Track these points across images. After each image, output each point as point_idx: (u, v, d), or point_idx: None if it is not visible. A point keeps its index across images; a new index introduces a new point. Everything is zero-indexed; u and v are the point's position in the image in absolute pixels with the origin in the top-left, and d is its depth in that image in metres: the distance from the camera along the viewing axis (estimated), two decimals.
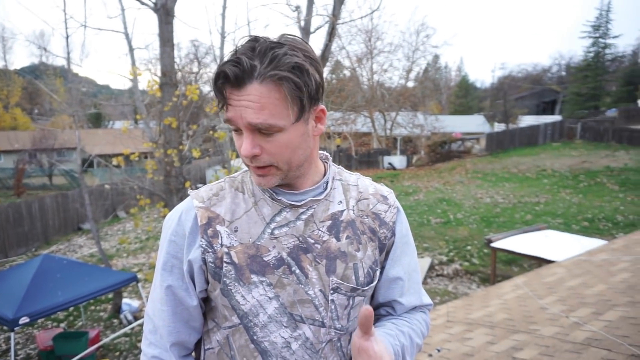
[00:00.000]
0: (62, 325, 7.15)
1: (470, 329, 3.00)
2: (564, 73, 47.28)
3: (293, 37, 0.84)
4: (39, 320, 7.10)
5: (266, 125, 0.81)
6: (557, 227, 9.71)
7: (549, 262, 5.65)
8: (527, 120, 29.48)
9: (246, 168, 1.00)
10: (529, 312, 3.07)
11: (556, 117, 31.00)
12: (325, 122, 0.91)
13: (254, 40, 0.81)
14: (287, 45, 0.80)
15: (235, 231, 0.91)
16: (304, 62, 0.80)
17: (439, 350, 2.70)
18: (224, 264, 0.89)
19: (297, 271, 0.90)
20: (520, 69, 48.55)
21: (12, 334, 4.51)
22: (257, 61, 0.78)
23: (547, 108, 39.82)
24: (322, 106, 0.88)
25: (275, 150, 0.84)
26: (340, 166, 1.06)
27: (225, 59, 0.81)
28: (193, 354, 1.03)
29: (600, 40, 35.04)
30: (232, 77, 0.78)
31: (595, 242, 6.39)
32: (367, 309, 0.80)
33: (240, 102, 0.80)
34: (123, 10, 7.01)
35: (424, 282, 8.06)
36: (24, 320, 4.41)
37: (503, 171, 17.69)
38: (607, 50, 35.25)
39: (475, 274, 8.31)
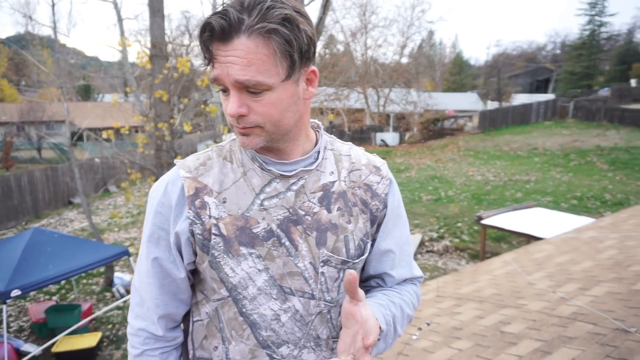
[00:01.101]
0: (55, 298, 7.18)
1: (460, 303, 3.06)
2: (558, 51, 47.05)
3: None
4: (31, 294, 7.12)
5: (253, 83, 0.76)
6: (547, 205, 9.83)
7: (538, 239, 5.74)
8: (520, 99, 29.46)
9: (234, 137, 0.97)
10: (517, 287, 3.13)
11: (549, 96, 31.02)
12: (316, 85, 0.87)
13: None
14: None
15: (224, 202, 0.89)
16: (294, 14, 0.76)
17: (428, 324, 2.75)
18: (212, 236, 0.88)
19: (287, 243, 0.89)
20: (515, 46, 48.34)
21: (4, 307, 4.51)
22: (245, 14, 0.74)
23: (540, 86, 39.81)
24: (313, 67, 0.84)
25: (263, 110, 0.80)
26: (332, 135, 1.03)
27: (213, 12, 0.77)
28: (181, 325, 1.02)
29: (596, 18, 34.81)
30: (218, 29, 0.74)
31: (583, 220, 6.49)
32: (350, 273, 0.78)
33: (226, 58, 0.76)
34: None
35: (415, 258, 8.16)
36: (15, 292, 4.41)
37: (495, 149, 17.77)
38: (602, 29, 35.08)
39: (465, 250, 8.43)
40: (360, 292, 0.83)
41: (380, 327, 0.87)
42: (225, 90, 0.81)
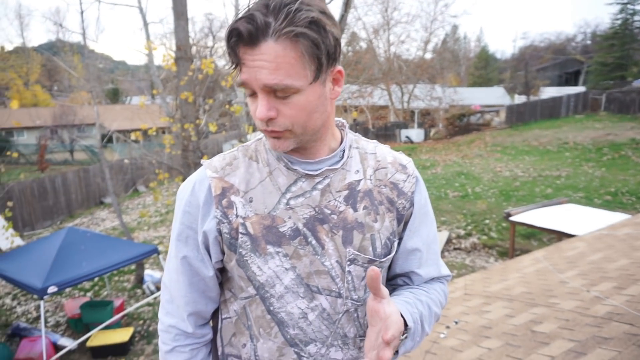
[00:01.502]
0: (89, 294, 7.42)
1: (489, 302, 3.00)
2: (589, 42, 45.50)
3: None
4: (67, 290, 7.38)
5: (282, 86, 0.76)
6: (579, 201, 9.54)
7: (569, 236, 5.57)
8: (549, 92, 28.61)
9: (260, 136, 0.97)
10: (548, 285, 3.05)
11: (580, 89, 30.04)
12: (342, 85, 0.87)
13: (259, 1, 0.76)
14: (301, 1, 0.75)
15: (250, 201, 0.90)
16: (321, 17, 0.76)
17: (456, 323, 2.71)
18: (240, 235, 0.89)
19: (314, 242, 0.89)
20: (542, 38, 47.00)
21: (41, 302, 4.70)
22: (272, 18, 0.74)
23: (570, 79, 38.58)
24: (339, 67, 0.84)
25: (292, 113, 0.80)
26: (357, 134, 1.03)
27: (238, 16, 0.76)
28: (210, 322, 1.04)
29: (629, 6, 33.40)
30: (245, 34, 0.74)
31: (618, 216, 6.26)
32: (372, 269, 0.77)
33: (254, 63, 0.76)
34: None
35: (442, 256, 8.06)
36: (52, 289, 4.58)
37: (523, 144, 17.34)
38: (635, 17, 33.63)
39: (494, 247, 8.27)
40: (384, 289, 0.82)
41: (406, 324, 0.87)
42: (253, 94, 0.81)
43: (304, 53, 0.76)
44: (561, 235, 6.09)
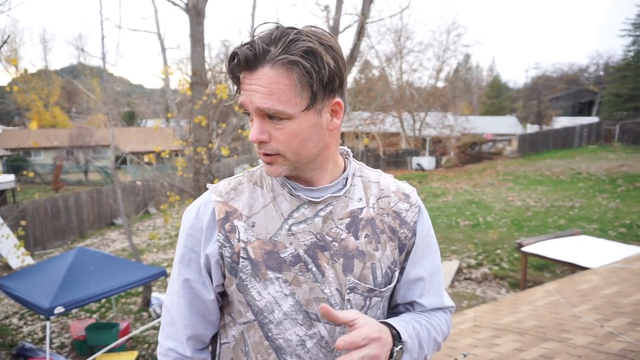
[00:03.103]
0: (95, 316, 7.39)
1: (499, 334, 2.93)
2: (602, 73, 45.51)
3: (317, 28, 0.83)
4: (73, 311, 7.36)
5: (273, 111, 0.80)
6: (593, 232, 9.36)
7: (583, 268, 5.45)
8: (562, 122, 28.51)
9: None
10: (560, 319, 2.97)
11: (593, 119, 29.89)
12: (341, 117, 0.88)
13: (275, 27, 0.81)
14: (304, 32, 0.79)
15: (253, 226, 0.91)
16: (317, 47, 0.78)
17: (465, 355, 2.64)
18: (241, 259, 0.89)
19: (314, 269, 0.89)
20: (555, 68, 46.97)
21: (48, 323, 4.68)
22: (272, 46, 0.78)
23: (583, 109, 38.45)
24: (338, 99, 0.85)
25: (283, 139, 0.83)
26: (361, 162, 1.04)
27: (243, 42, 0.81)
28: (209, 347, 1.03)
29: None
30: (243, 59, 0.79)
31: (633, 249, 6.12)
32: (322, 306, 0.79)
33: (250, 86, 0.80)
34: (156, 11, 7.20)
35: (452, 286, 7.92)
36: (59, 310, 4.57)
37: (536, 174, 17.18)
38: None
39: (505, 278, 8.10)
40: (343, 314, 0.81)
41: (401, 338, 0.87)
42: (249, 114, 0.85)
43: (296, 81, 0.79)
44: (574, 268, 5.96)
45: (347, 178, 0.96)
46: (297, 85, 0.79)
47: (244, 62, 0.79)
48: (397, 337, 0.87)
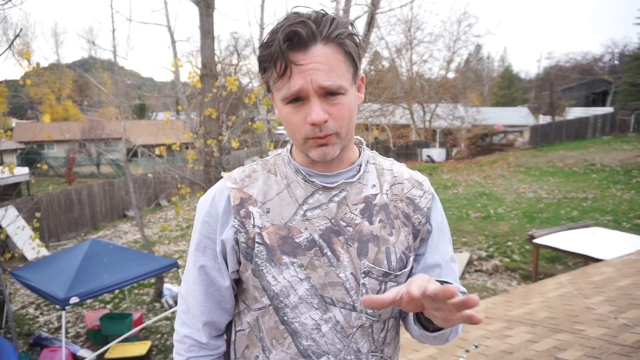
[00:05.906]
0: (109, 306, 7.52)
1: (510, 326, 2.91)
2: (616, 62, 44.60)
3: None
4: (88, 301, 7.49)
5: (336, 87, 0.81)
6: (606, 224, 9.24)
7: (596, 260, 5.40)
8: (575, 112, 28.07)
9: (279, 151, 1.00)
10: (573, 311, 2.95)
11: (607, 109, 29.35)
12: (363, 91, 0.93)
13: (297, 13, 0.82)
14: (332, 15, 0.84)
15: (268, 212, 0.91)
16: (350, 26, 0.84)
17: (476, 347, 2.63)
18: (256, 244, 0.90)
19: (329, 253, 0.90)
20: (568, 58, 46.07)
21: (63, 313, 4.78)
22: (317, 25, 0.80)
23: (597, 99, 37.80)
24: (362, 74, 0.91)
25: (340, 115, 0.84)
26: (374, 151, 1.05)
27: (281, 29, 0.79)
28: (224, 335, 1.04)
29: None
30: (304, 35, 0.78)
31: None
32: (364, 298, 0.67)
33: (308, 66, 0.79)
34: (166, 3, 7.20)
35: (462, 278, 7.90)
36: (74, 300, 4.66)
37: (548, 165, 16.97)
38: None
39: (516, 270, 8.05)
40: (387, 293, 0.70)
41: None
42: (296, 100, 0.82)
43: (346, 56, 0.82)
44: (587, 260, 5.90)
45: (361, 164, 0.97)
46: (346, 60, 0.82)
47: (304, 39, 0.79)
48: None
